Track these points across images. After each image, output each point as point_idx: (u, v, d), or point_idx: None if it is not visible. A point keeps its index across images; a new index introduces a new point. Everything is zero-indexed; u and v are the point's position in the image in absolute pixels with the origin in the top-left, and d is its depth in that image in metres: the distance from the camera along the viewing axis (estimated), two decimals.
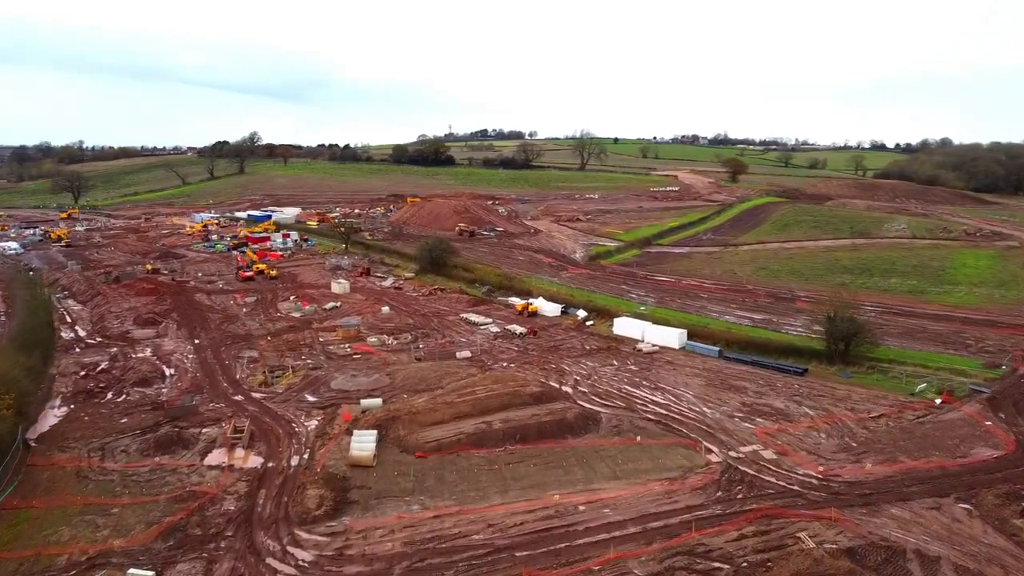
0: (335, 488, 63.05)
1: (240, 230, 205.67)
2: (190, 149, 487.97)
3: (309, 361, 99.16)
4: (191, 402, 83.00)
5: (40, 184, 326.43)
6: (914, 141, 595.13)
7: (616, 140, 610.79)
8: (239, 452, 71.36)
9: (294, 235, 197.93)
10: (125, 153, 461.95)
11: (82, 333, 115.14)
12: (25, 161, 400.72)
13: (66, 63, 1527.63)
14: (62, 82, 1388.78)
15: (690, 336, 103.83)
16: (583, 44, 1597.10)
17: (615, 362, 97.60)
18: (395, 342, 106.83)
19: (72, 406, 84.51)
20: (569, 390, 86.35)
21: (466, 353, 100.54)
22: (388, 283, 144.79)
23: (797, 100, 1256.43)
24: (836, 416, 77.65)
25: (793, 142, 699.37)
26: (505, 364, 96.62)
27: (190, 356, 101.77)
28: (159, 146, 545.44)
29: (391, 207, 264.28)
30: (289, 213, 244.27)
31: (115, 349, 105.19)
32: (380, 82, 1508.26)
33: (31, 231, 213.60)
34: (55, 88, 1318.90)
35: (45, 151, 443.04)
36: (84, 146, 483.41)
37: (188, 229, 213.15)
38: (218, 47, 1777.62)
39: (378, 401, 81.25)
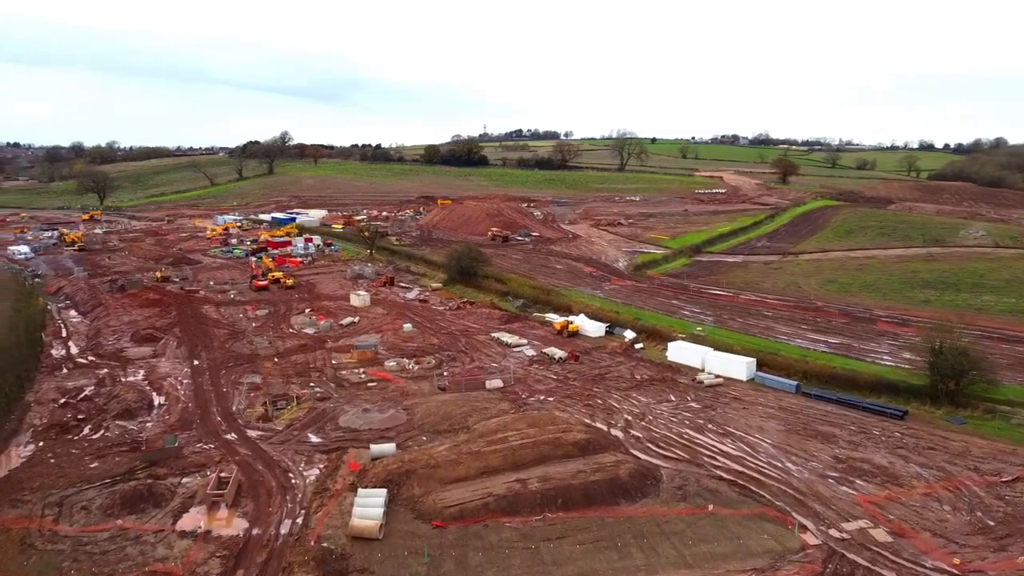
0: (330, 572, 49.93)
1: (260, 234, 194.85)
2: (221, 149, 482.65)
3: (317, 389, 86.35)
4: (173, 443, 70.48)
5: (68, 185, 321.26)
6: (965, 141, 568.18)
7: (654, 140, 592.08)
8: (221, 512, 58.58)
9: (317, 239, 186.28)
10: (156, 153, 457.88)
11: (75, 350, 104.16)
12: (57, 161, 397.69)
13: (104, 65, 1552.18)
14: (100, 84, 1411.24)
15: (759, 365, 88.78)
16: (620, 43, 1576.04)
17: (672, 397, 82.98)
18: (416, 367, 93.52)
19: (41, 443, 72.93)
20: (619, 435, 72.11)
21: (497, 382, 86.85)
22: (413, 295, 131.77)
23: (837, 100, 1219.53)
24: (958, 479, 62.12)
25: (837, 142, 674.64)
26: (542, 398, 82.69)
27: (185, 381, 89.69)
28: (193, 146, 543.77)
29: (421, 209, 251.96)
30: (314, 216, 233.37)
31: (105, 371, 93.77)
32: (416, 84, 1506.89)
33: (49, 233, 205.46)
34: (93, 90, 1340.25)
35: (77, 151, 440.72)
36: (116, 146, 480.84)
37: (208, 232, 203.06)
38: (256, 49, 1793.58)
39: (391, 447, 67.86)
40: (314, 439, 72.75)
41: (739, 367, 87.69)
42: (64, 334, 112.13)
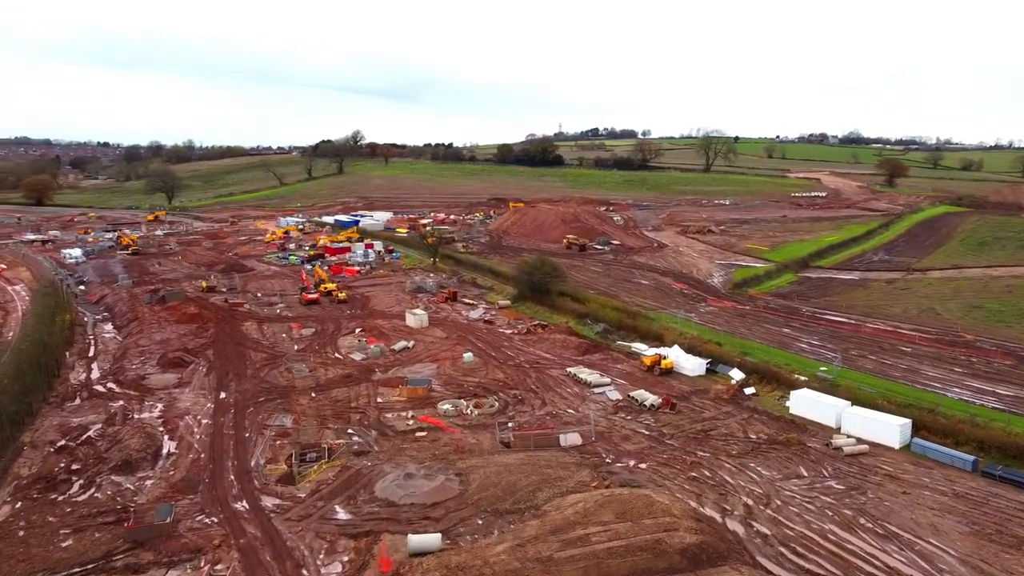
0: None
1: (319, 238, 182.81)
2: (295, 149, 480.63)
3: (355, 439, 71.03)
4: (167, 516, 55.98)
5: (141, 184, 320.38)
6: None
7: (736, 139, 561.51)
8: None
9: (378, 245, 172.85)
10: (231, 152, 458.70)
11: (96, 374, 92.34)
12: (134, 161, 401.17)
13: (192, 69, 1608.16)
14: (187, 86, 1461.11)
15: (915, 428, 68.50)
16: (700, 39, 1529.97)
17: (803, 470, 63.80)
18: (476, 412, 77.06)
19: (19, 504, 59.78)
20: (739, 529, 53.77)
21: (574, 438, 69.59)
22: (477, 314, 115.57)
23: (933, 96, 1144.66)
24: None
25: (934, 141, 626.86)
26: (632, 464, 64.94)
27: (204, 422, 75.85)
28: (272, 146, 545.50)
29: (491, 213, 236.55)
30: (379, 218, 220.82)
31: (120, 403, 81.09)
32: (491, 82, 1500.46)
33: (110, 235, 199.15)
34: (180, 91, 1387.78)
35: (155, 151, 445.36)
36: (193, 145, 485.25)
37: (267, 236, 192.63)
38: (338, 52, 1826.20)
39: (435, 540, 51.44)
40: (341, 515, 57.10)
41: (890, 431, 67.62)
42: (91, 353, 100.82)
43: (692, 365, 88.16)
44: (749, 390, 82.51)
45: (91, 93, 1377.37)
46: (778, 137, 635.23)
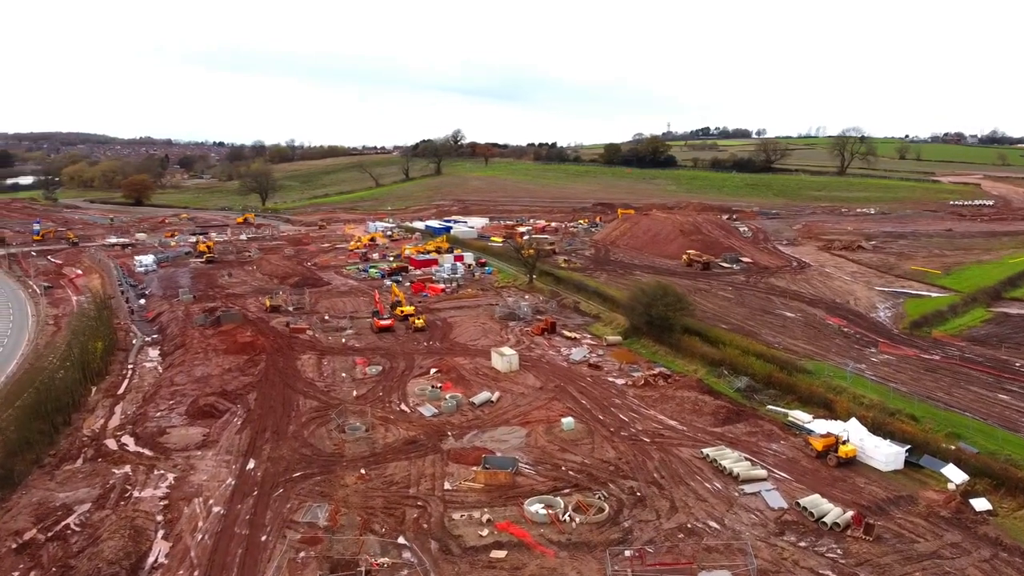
0: None
1: (404, 248, 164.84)
2: (396, 148, 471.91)
3: (406, 555, 50.27)
4: None
5: (237, 184, 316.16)
6: None
7: (863, 139, 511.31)
8: None
9: (469, 257, 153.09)
10: (332, 152, 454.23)
11: (116, 420, 76.17)
12: (236, 160, 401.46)
13: (301, 71, 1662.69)
14: (298, 87, 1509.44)
15: None
16: (816, 32, 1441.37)
17: None
18: (578, 519, 54.56)
19: None
20: None
21: None
22: (579, 354, 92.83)
23: None
24: None
25: None
26: None
27: (215, 509, 57.08)
28: (377, 145, 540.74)
29: (598, 220, 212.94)
30: (473, 224, 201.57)
31: (126, 470, 63.97)
32: (597, 80, 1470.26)
33: (194, 238, 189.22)
34: (290, 92, 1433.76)
35: (258, 150, 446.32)
36: (294, 144, 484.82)
37: (351, 243, 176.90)
38: (445, 52, 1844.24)
39: None
40: None
41: None
42: (121, 390, 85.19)
43: (885, 456, 62.23)
44: (980, 503, 56.02)
45: (208, 94, 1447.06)
46: (907, 136, 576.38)
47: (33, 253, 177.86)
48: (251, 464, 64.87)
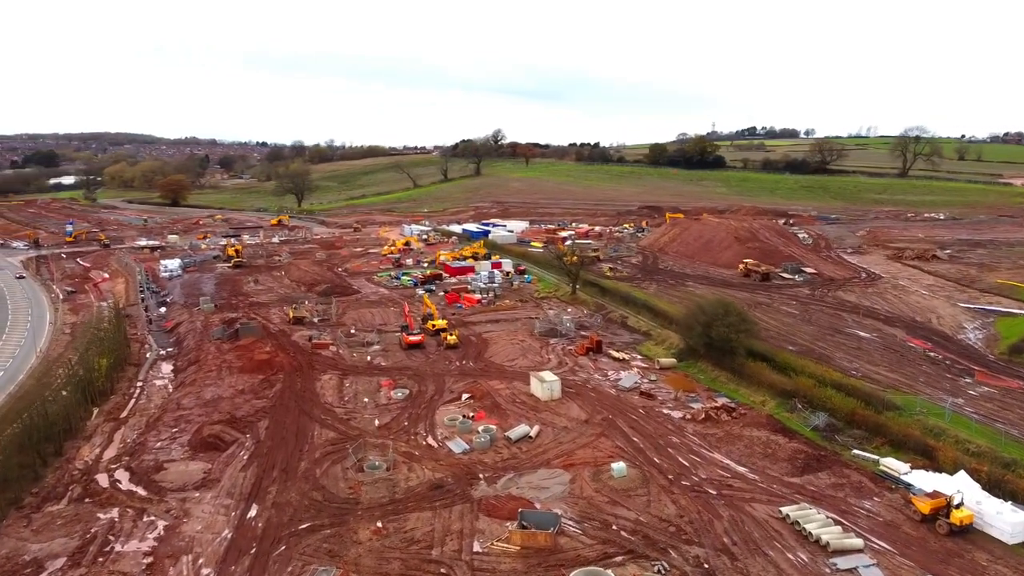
0: None
1: (439, 253, 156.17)
2: (435, 148, 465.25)
3: None
4: None
5: (274, 184, 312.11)
6: None
7: (917, 139, 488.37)
8: None
9: (508, 264, 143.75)
10: (372, 152, 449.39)
11: (113, 451, 68.71)
12: (276, 160, 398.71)
13: (342, 70, 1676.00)
14: (343, 88, 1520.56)
15: None
16: (867, 30, 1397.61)
17: None
18: None
19: None
20: None
21: None
22: (630, 380, 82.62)
23: None
24: None
25: None
26: None
27: (206, 572, 48.62)
28: (418, 146, 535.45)
29: (644, 224, 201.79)
30: (513, 228, 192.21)
31: (113, 514, 56.15)
32: (642, 80, 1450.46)
33: (225, 241, 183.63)
34: (334, 91, 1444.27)
35: (298, 150, 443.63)
36: (334, 145, 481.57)
37: (384, 248, 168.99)
38: (485, 54, 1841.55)
39: None
40: None
41: None
42: (125, 412, 77.91)
43: (1012, 525, 50.89)
44: None
45: (253, 95, 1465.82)
46: (964, 136, 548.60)
47: (63, 255, 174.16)
48: (253, 511, 56.43)
